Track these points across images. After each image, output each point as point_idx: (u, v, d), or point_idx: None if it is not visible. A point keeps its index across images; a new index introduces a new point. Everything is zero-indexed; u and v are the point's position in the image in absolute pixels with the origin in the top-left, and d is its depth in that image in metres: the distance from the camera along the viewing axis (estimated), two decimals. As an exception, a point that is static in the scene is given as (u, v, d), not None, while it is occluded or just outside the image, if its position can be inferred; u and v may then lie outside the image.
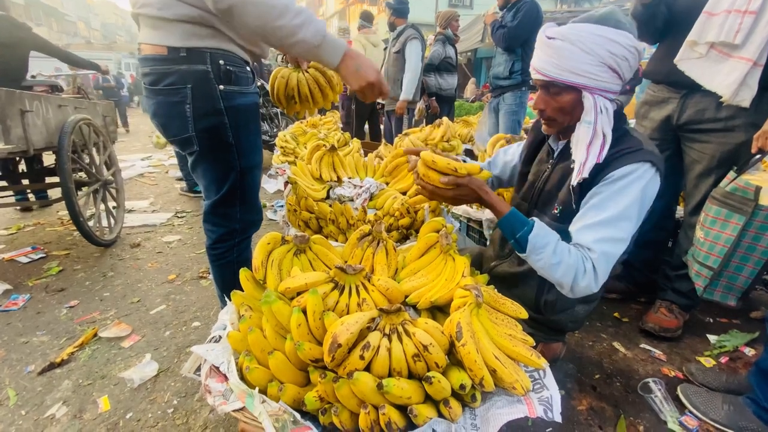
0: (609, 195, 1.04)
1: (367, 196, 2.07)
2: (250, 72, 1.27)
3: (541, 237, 1.03)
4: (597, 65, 1.01)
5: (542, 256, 1.02)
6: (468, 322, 0.80)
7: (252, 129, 1.29)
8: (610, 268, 1.03)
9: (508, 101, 3.32)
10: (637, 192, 1.02)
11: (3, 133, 2.15)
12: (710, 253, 1.42)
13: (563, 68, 1.03)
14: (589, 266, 1.01)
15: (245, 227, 1.40)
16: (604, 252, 1.01)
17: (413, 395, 0.74)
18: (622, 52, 1.01)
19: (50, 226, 3.27)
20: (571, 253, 1.02)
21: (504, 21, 3.18)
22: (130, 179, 4.84)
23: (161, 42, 1.11)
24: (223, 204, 1.33)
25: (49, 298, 2.16)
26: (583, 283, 1.01)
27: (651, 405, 1.41)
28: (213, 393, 0.85)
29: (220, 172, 1.28)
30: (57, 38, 29.22)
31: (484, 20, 3.35)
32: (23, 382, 1.54)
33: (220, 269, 1.42)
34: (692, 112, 1.59)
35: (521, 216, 1.09)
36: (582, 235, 1.05)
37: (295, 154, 3.08)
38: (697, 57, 1.48)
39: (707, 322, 1.96)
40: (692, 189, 1.68)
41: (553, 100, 1.10)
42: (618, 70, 1.03)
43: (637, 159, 1.03)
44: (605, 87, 1.04)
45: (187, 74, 1.12)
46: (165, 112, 1.18)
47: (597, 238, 1.02)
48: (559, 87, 1.07)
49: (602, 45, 1.00)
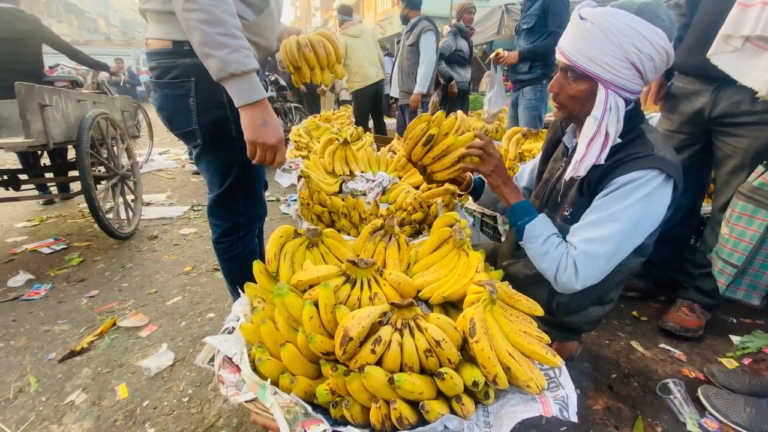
0: (608, 199, 1.02)
1: (380, 191, 2.06)
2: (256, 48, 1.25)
3: (538, 228, 1.08)
4: (619, 59, 0.95)
5: (534, 245, 1.08)
6: (482, 318, 0.79)
7: None
8: (595, 270, 1.01)
9: (527, 96, 3.24)
10: (637, 198, 0.98)
11: (23, 127, 2.20)
12: (734, 250, 1.37)
13: (585, 54, 0.98)
14: (570, 262, 1.02)
15: (249, 221, 1.41)
16: (585, 251, 1.00)
17: (425, 391, 0.73)
18: (648, 51, 0.94)
19: (72, 218, 3.36)
20: (558, 247, 1.05)
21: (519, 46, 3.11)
22: (148, 173, 4.93)
23: (167, 36, 1.12)
24: (226, 197, 1.34)
25: (70, 288, 2.22)
26: (563, 278, 1.03)
27: (670, 406, 1.37)
28: (226, 383, 0.86)
29: (222, 165, 1.29)
30: (77, 35, 29.90)
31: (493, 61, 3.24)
32: (44, 369, 1.59)
33: (226, 262, 1.44)
34: (726, 104, 1.52)
35: (530, 208, 1.12)
36: (574, 233, 1.05)
37: (309, 149, 3.09)
38: (732, 51, 1.41)
39: (730, 322, 1.89)
40: (722, 185, 1.62)
41: (569, 85, 1.06)
42: (641, 68, 0.97)
43: (644, 166, 0.98)
44: (622, 84, 0.99)
45: (191, 67, 1.13)
46: (170, 105, 1.20)
47: (583, 237, 1.02)
48: (576, 73, 1.03)
49: (630, 38, 0.93)
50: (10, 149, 2.25)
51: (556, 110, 1.15)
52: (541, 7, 2.93)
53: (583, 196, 1.10)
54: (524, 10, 3.11)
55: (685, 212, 1.81)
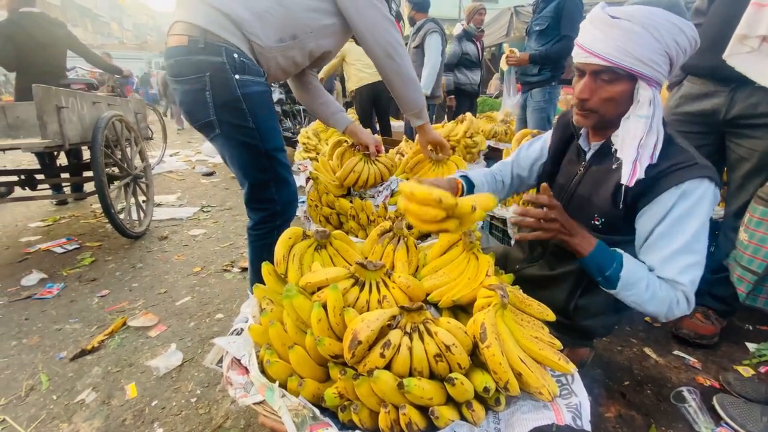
0: (676, 219, 0.97)
1: (388, 193, 2.05)
2: (261, 68, 1.35)
3: (633, 273, 0.99)
4: (661, 54, 0.94)
5: (633, 292, 0.99)
6: (492, 323, 0.78)
7: (267, 114, 1.36)
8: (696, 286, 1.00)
9: (536, 97, 3.20)
10: (704, 212, 0.97)
11: (40, 128, 2.25)
12: (755, 257, 1.33)
13: (629, 53, 0.93)
14: (681, 297, 0.98)
15: (285, 208, 1.46)
16: (692, 281, 0.98)
17: (434, 396, 0.72)
18: (685, 44, 0.94)
19: (84, 218, 3.42)
20: (662, 287, 0.98)
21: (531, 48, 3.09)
22: (159, 174, 4.99)
23: (188, 19, 1.23)
24: (259, 188, 1.40)
25: (82, 287, 2.25)
26: (677, 312, 1.00)
27: (684, 415, 1.34)
28: (234, 385, 0.86)
29: (247, 156, 1.36)
30: (92, 38, 30.48)
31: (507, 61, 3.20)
32: (55, 368, 1.61)
33: (258, 251, 1.47)
34: (743, 106, 1.49)
35: (609, 251, 1.02)
36: (664, 268, 0.99)
37: (317, 151, 3.10)
38: (749, 51, 1.39)
39: (746, 329, 1.85)
40: (737, 189, 1.58)
41: (603, 89, 1.00)
42: (675, 61, 0.96)
43: (694, 175, 0.95)
44: (659, 79, 0.97)
45: (204, 64, 1.22)
46: (189, 99, 1.29)
47: (680, 268, 0.97)
48: (615, 74, 0.97)
49: (672, 33, 0.92)
50: (28, 149, 2.29)
51: (581, 118, 1.08)
52: (555, 9, 2.89)
53: (617, 208, 1.05)
54: (537, 11, 3.07)
55: None
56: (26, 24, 3.22)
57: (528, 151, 1.39)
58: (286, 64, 1.40)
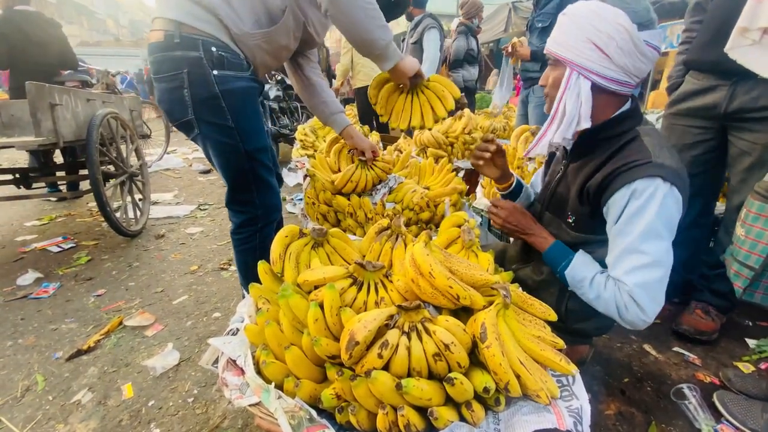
0: (627, 220, 0.98)
1: (386, 191, 2.04)
2: (244, 60, 1.29)
3: (578, 271, 1.05)
4: (582, 40, 0.99)
5: (581, 290, 1.05)
6: (493, 323, 0.76)
7: (251, 112, 1.32)
8: (657, 295, 0.96)
9: (538, 93, 3.18)
10: (652, 213, 0.95)
11: (34, 126, 2.22)
12: (751, 252, 1.32)
13: (557, 41, 1.04)
14: (628, 299, 0.96)
15: (266, 212, 1.43)
16: (638, 283, 0.94)
17: (433, 397, 0.71)
18: (606, 29, 0.96)
19: (80, 217, 3.39)
20: (607, 287, 1.00)
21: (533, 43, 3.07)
22: (156, 172, 4.96)
23: (164, 15, 1.19)
24: (239, 189, 1.37)
25: (78, 286, 2.23)
26: (629, 317, 0.97)
27: (684, 412, 1.33)
28: (230, 386, 0.85)
29: (226, 157, 1.32)
30: (88, 35, 30.27)
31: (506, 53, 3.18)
32: (51, 368, 1.60)
33: (242, 254, 1.46)
34: (744, 99, 1.48)
35: (563, 250, 1.10)
36: (614, 267, 1.00)
37: (314, 147, 3.08)
38: (750, 44, 1.38)
39: (746, 325, 1.84)
40: (738, 183, 1.57)
41: (551, 75, 1.10)
42: (603, 48, 0.97)
43: (644, 174, 0.95)
44: (590, 67, 1.00)
45: (181, 60, 1.18)
46: (167, 97, 1.25)
47: (627, 269, 0.97)
48: (555, 61, 1.07)
49: (589, 19, 0.98)
50: (22, 148, 2.27)
51: (547, 103, 1.16)
52: (558, 6, 2.86)
53: (583, 204, 1.09)
54: (539, 7, 3.03)
55: (698, 212, 1.76)
56: (20, 22, 3.19)
57: (539, 175, 1.49)
58: (272, 48, 1.33)
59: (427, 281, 0.83)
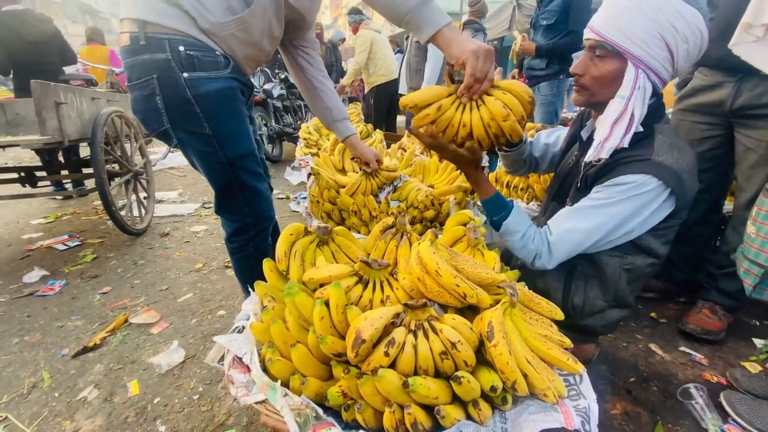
0: (596, 195, 1.02)
1: (391, 189, 2.03)
2: (222, 56, 1.15)
3: (513, 224, 1.11)
4: (654, 36, 0.92)
5: (511, 239, 1.12)
6: (500, 321, 0.76)
7: (228, 116, 1.20)
8: (566, 252, 1.05)
9: (543, 91, 3.17)
10: (623, 199, 0.98)
11: (39, 125, 2.23)
12: (762, 250, 1.31)
13: (618, 28, 0.95)
14: (545, 249, 1.06)
15: (257, 220, 1.36)
16: (561, 237, 1.03)
17: (440, 395, 0.70)
18: (684, 30, 0.91)
19: (86, 215, 3.41)
20: (534, 240, 1.08)
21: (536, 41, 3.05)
22: (160, 170, 4.97)
23: (127, 15, 1.08)
24: (225, 197, 1.31)
25: (83, 284, 2.24)
26: (537, 263, 1.09)
27: (691, 412, 1.32)
28: (236, 384, 0.85)
29: (208, 165, 1.24)
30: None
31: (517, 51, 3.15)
32: (57, 365, 1.61)
33: (238, 262, 1.42)
34: (749, 96, 1.48)
35: (503, 202, 1.13)
36: (555, 221, 1.07)
37: (318, 146, 3.08)
38: (754, 40, 1.36)
39: (753, 324, 1.83)
40: (745, 181, 1.56)
41: (595, 66, 1.03)
42: (674, 50, 0.93)
43: (638, 170, 0.97)
44: (653, 66, 0.95)
45: (150, 64, 1.08)
46: (141, 107, 1.16)
47: (563, 225, 1.04)
48: (606, 50, 0.99)
49: (667, 15, 0.90)
50: (27, 146, 2.28)
51: (575, 94, 1.12)
52: (563, 4, 2.84)
53: (580, 191, 1.09)
54: (543, 5, 3.01)
55: (705, 209, 1.75)
56: (12, 24, 3.18)
57: (546, 138, 1.47)
58: (251, 38, 1.16)
59: (434, 279, 0.83)
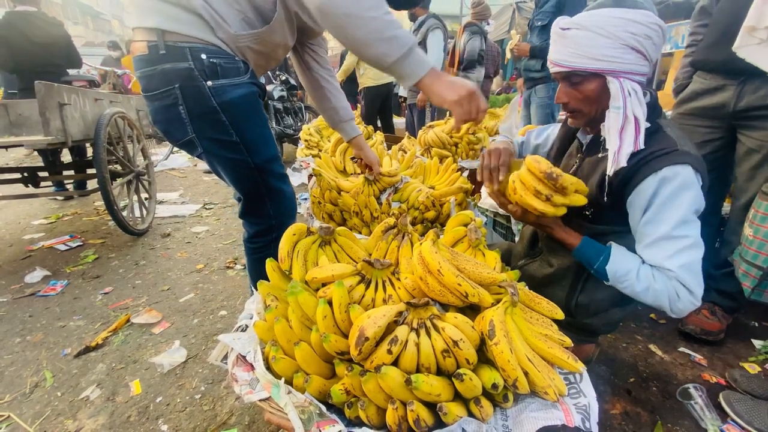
0: (659, 209, 0.98)
1: (392, 190, 2.04)
2: (241, 61, 1.15)
3: (621, 265, 1.02)
4: (619, 48, 0.96)
5: (627, 284, 1.01)
6: (501, 320, 0.77)
7: (255, 121, 1.20)
8: (699, 274, 0.97)
9: (540, 94, 3.19)
10: (687, 198, 0.96)
11: (43, 125, 2.24)
12: (760, 252, 1.33)
13: (583, 56, 0.99)
14: (678, 286, 0.96)
15: (281, 221, 1.35)
16: (682, 266, 0.95)
17: (442, 392, 0.71)
18: (643, 31, 0.95)
19: (87, 215, 3.42)
20: (656, 278, 0.98)
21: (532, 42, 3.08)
22: (161, 171, 4.99)
23: (142, 24, 1.06)
24: (253, 202, 1.30)
25: (85, 284, 2.25)
26: (680, 306, 0.97)
27: (690, 412, 1.33)
28: (239, 382, 0.85)
29: (235, 172, 1.23)
30: (93, 36, 30.41)
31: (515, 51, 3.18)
32: (60, 365, 1.61)
33: (255, 263, 1.40)
34: (752, 98, 1.49)
35: (595, 245, 1.07)
36: (653, 255, 1.00)
37: (319, 147, 3.09)
38: (758, 43, 1.38)
39: (752, 325, 1.84)
40: (745, 182, 1.57)
41: (576, 90, 1.06)
42: (642, 50, 0.97)
43: (671, 162, 0.96)
44: (630, 69, 0.98)
45: (171, 73, 1.06)
46: (163, 117, 1.14)
47: (666, 255, 0.97)
48: (581, 76, 1.03)
49: (621, 27, 0.95)
50: (30, 146, 2.29)
51: (572, 119, 1.14)
52: (556, 5, 2.87)
53: (603, 197, 1.07)
54: (538, 6, 3.06)
55: (705, 211, 1.76)
56: (20, 24, 3.20)
57: (536, 138, 1.49)
58: (265, 49, 1.19)
59: (436, 279, 0.84)
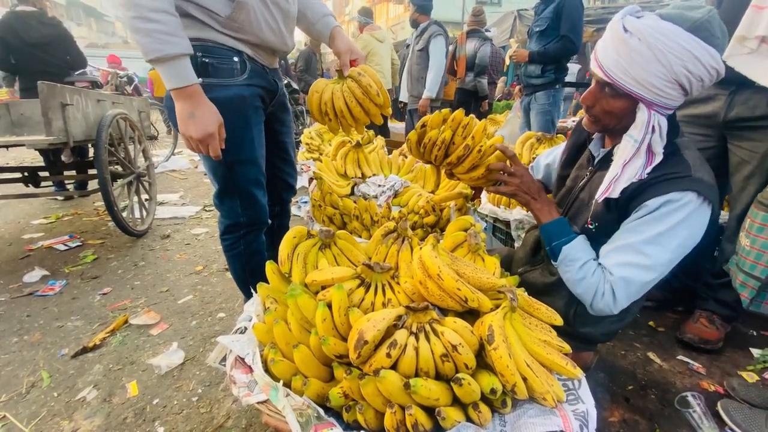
0: (642, 222, 0.97)
1: (392, 194, 2.05)
2: (238, 63, 1.20)
3: (576, 252, 1.04)
4: (668, 81, 0.88)
5: (569, 269, 1.04)
6: (500, 325, 0.77)
7: (235, 122, 1.22)
8: (633, 294, 0.98)
9: (540, 100, 3.20)
10: (676, 221, 0.93)
11: (45, 126, 2.25)
12: (757, 263, 1.33)
13: (629, 74, 0.90)
14: (608, 288, 0.99)
15: (251, 222, 1.41)
16: (623, 277, 0.96)
17: (441, 397, 0.71)
18: (700, 73, 0.87)
19: (87, 216, 3.42)
20: (595, 273, 1.01)
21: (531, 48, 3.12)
22: (162, 173, 4.99)
23: None
24: (223, 195, 1.36)
25: (84, 284, 2.24)
26: (600, 304, 1.00)
27: (688, 420, 1.33)
28: (238, 384, 0.85)
29: (209, 164, 1.30)
30: (96, 38, 30.56)
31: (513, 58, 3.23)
32: (57, 365, 1.61)
33: (231, 260, 1.47)
34: (742, 108, 1.50)
35: (567, 228, 1.09)
36: (608, 256, 1.01)
37: (320, 151, 3.10)
38: (748, 52, 1.39)
39: (750, 334, 1.84)
40: (739, 192, 1.58)
41: (605, 100, 1.00)
42: (688, 88, 0.90)
43: (680, 187, 0.93)
44: (666, 104, 0.93)
45: None
46: (168, 107, 1.20)
47: (619, 261, 0.98)
48: (617, 91, 0.96)
49: (682, 60, 0.85)
50: (32, 146, 2.30)
51: (589, 122, 1.09)
52: (554, 10, 2.91)
53: (610, 211, 1.05)
54: (537, 13, 3.10)
55: None
56: (15, 24, 3.23)
57: (545, 159, 1.49)
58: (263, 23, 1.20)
59: (435, 283, 0.84)
